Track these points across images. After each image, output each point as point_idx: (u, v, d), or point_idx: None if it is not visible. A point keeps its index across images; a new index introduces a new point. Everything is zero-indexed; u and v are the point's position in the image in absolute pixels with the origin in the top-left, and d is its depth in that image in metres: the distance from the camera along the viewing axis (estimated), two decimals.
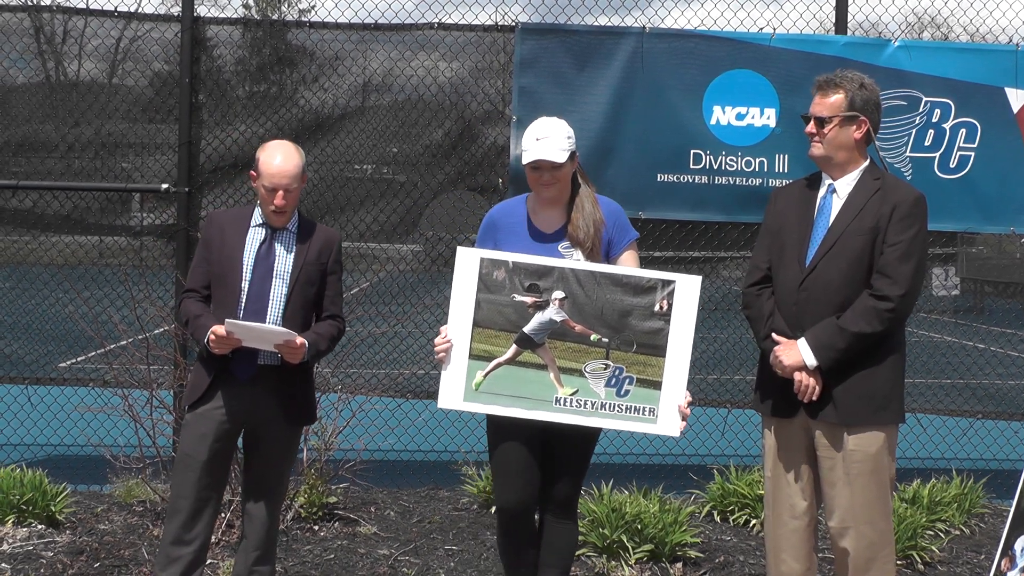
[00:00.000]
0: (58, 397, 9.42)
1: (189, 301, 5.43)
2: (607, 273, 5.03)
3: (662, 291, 4.99)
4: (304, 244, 5.41)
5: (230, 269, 5.32)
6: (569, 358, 5.00)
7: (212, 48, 9.12)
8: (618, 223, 5.30)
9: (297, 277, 5.34)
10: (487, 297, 5.02)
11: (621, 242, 5.28)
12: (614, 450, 9.85)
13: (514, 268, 5.00)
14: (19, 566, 6.62)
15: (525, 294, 4.99)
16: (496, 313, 5.02)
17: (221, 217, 5.54)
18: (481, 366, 5.03)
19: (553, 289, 4.98)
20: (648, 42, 8.55)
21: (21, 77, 9.30)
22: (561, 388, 5.01)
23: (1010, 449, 9.66)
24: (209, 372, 5.33)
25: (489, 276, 5.01)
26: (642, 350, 5.01)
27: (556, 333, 5.00)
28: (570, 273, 4.99)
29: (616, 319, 4.99)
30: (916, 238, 4.96)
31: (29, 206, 8.99)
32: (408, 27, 8.90)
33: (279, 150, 5.33)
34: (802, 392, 4.99)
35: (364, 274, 8.88)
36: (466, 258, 5.06)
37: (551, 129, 5.16)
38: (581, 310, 4.98)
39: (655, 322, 4.99)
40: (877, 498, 5.04)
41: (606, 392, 5.01)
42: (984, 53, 8.68)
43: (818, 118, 5.10)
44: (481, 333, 5.03)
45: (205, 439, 5.31)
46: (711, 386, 9.18)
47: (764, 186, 8.28)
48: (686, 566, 6.93)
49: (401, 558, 7.05)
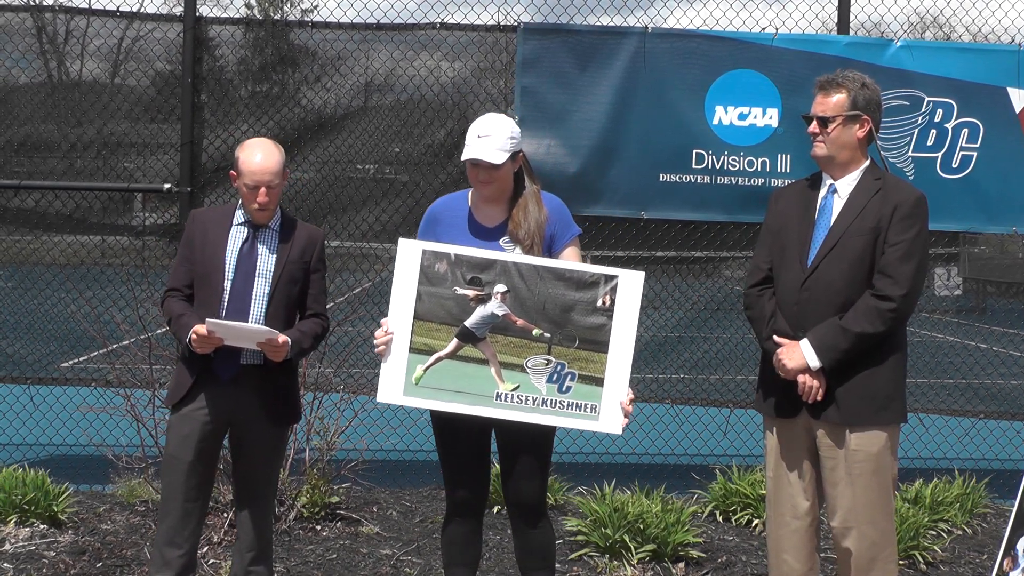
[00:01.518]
0: (60, 397, 9.42)
1: (172, 300, 5.38)
2: (550, 267, 4.95)
3: (605, 286, 4.92)
4: (287, 242, 5.38)
5: (213, 268, 5.28)
6: (511, 353, 4.94)
7: (214, 48, 9.13)
8: (561, 219, 5.22)
9: (280, 275, 5.31)
10: (428, 290, 4.95)
11: (563, 237, 5.20)
12: (616, 450, 9.85)
13: (456, 261, 4.94)
14: (21, 566, 6.62)
15: (467, 287, 4.93)
16: (437, 306, 4.96)
17: (204, 216, 5.50)
18: (422, 360, 4.96)
19: (495, 283, 4.91)
20: (650, 42, 8.55)
21: (23, 77, 9.31)
22: (502, 383, 4.94)
23: (1012, 449, 9.67)
24: (192, 372, 5.29)
25: (431, 268, 4.95)
26: (584, 346, 4.94)
27: (498, 327, 4.93)
28: (512, 267, 4.92)
29: (558, 314, 4.92)
30: (917, 238, 4.96)
31: (32, 206, 8.99)
32: (410, 27, 8.91)
33: (259, 147, 5.29)
34: (805, 393, 4.99)
35: (367, 274, 8.88)
36: (408, 250, 5.00)
37: (493, 127, 5.07)
38: (523, 304, 4.92)
39: (597, 317, 4.93)
40: (879, 498, 5.04)
41: (547, 388, 4.94)
42: (986, 53, 8.67)
43: (821, 118, 5.10)
44: (422, 326, 4.96)
45: (189, 440, 5.28)
46: (713, 386, 9.17)
47: (766, 186, 8.27)
48: (688, 566, 6.93)
49: (403, 558, 7.05)
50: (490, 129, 5.06)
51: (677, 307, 9.22)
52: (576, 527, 7.20)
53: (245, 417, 5.33)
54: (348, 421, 7.83)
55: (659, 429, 9.71)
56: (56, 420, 9.40)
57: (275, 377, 5.34)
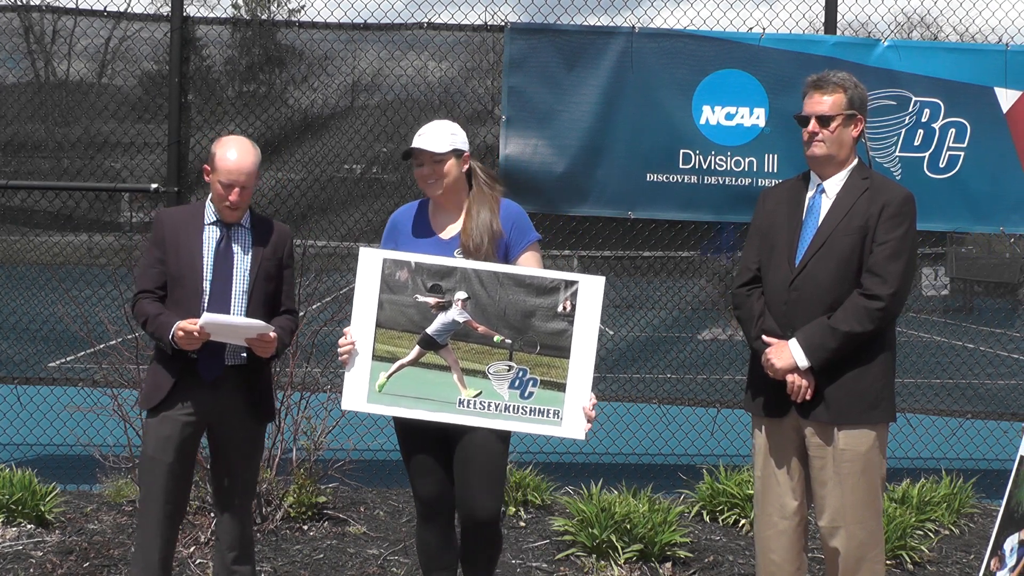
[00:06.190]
0: (47, 397, 9.40)
1: (144, 301, 5.31)
2: (510, 274, 4.96)
3: (565, 291, 4.92)
4: (260, 240, 5.37)
5: (189, 270, 5.25)
6: (472, 359, 4.95)
7: (201, 48, 9.12)
8: (516, 225, 5.20)
9: (257, 273, 5.31)
10: (390, 298, 4.99)
11: (519, 244, 5.18)
12: (603, 450, 9.85)
13: (416, 268, 4.97)
14: (8, 566, 6.61)
15: (428, 295, 4.95)
16: (399, 314, 4.98)
17: (172, 216, 5.46)
18: (384, 367, 5.00)
19: (456, 290, 4.93)
20: (638, 42, 8.56)
21: (10, 77, 9.30)
22: (464, 390, 4.95)
23: (999, 449, 9.67)
24: (172, 374, 5.25)
25: (392, 277, 4.99)
26: (546, 351, 4.94)
27: (459, 334, 4.95)
28: (472, 274, 4.93)
29: (519, 320, 4.93)
30: (905, 236, 4.98)
31: (18, 205, 8.98)
32: (397, 27, 8.90)
33: (235, 145, 5.27)
34: (794, 393, 5.00)
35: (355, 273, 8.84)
36: (368, 259, 5.04)
37: (433, 127, 5.17)
38: (484, 311, 4.93)
39: (558, 323, 4.93)
40: (868, 497, 5.05)
41: (510, 394, 4.95)
42: (973, 53, 8.68)
43: (821, 116, 5.09)
44: (384, 334, 5.00)
45: (170, 441, 5.24)
46: (700, 386, 9.17)
47: (754, 186, 8.27)
48: (675, 566, 6.94)
49: (390, 558, 7.04)
50: (430, 128, 5.17)
51: (661, 307, 9.22)
52: (563, 527, 7.20)
53: (226, 417, 5.32)
54: (335, 421, 7.82)
55: (646, 429, 9.72)
56: (43, 420, 9.38)
57: (255, 376, 5.35)
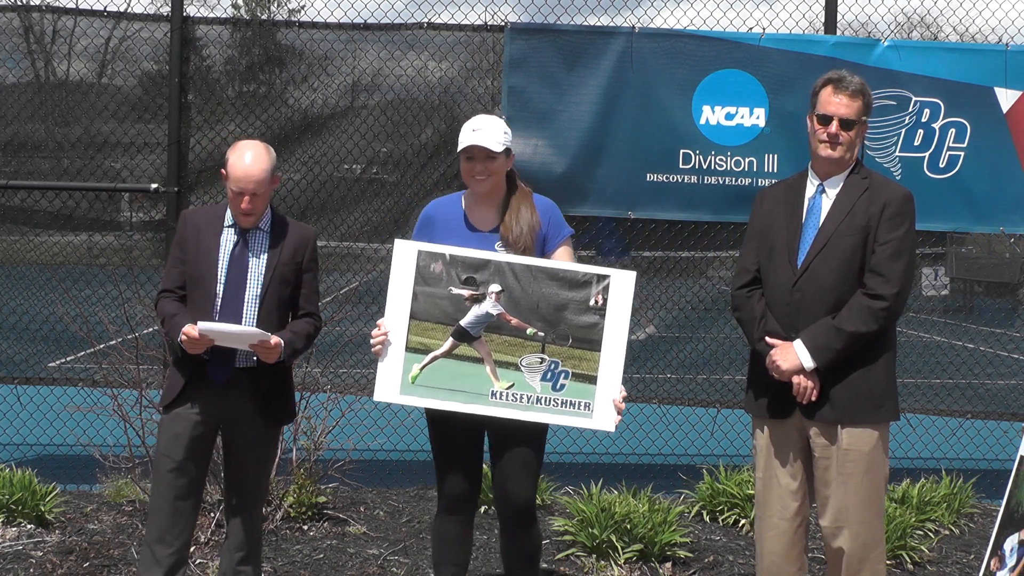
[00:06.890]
0: (47, 397, 9.39)
1: (165, 301, 5.38)
2: (543, 267, 5.04)
3: (597, 285, 5.01)
4: (278, 243, 5.36)
5: (206, 270, 5.28)
6: (505, 352, 5.01)
7: (201, 48, 9.12)
8: (552, 219, 5.29)
9: (271, 277, 5.30)
10: (424, 290, 5.03)
11: (556, 238, 5.26)
12: (603, 449, 9.85)
13: (451, 261, 5.02)
14: (8, 566, 6.61)
15: (462, 287, 5.01)
16: (433, 306, 5.04)
17: (196, 217, 5.47)
18: (418, 359, 5.04)
19: (490, 282, 4.99)
20: (638, 42, 8.55)
21: (10, 77, 9.29)
22: (497, 382, 5.01)
23: (999, 449, 9.66)
24: (184, 374, 5.30)
25: (426, 268, 5.03)
26: (577, 344, 5.02)
27: (492, 326, 5.01)
28: (506, 267, 5.00)
29: (552, 313, 5.00)
30: (906, 236, 5.00)
31: (18, 205, 8.98)
32: (397, 27, 8.90)
33: (248, 151, 5.23)
34: (800, 394, 5.00)
35: (356, 274, 8.86)
36: (404, 250, 5.07)
37: (487, 123, 5.19)
38: (517, 304, 5.00)
39: (590, 316, 5.01)
40: (871, 497, 5.06)
41: (542, 386, 5.02)
42: (973, 53, 8.67)
43: (845, 120, 5.06)
44: (418, 326, 5.04)
45: (180, 439, 5.28)
46: (700, 386, 9.17)
47: (753, 186, 8.26)
48: (675, 566, 6.94)
49: (390, 558, 7.04)
50: (484, 124, 5.18)
51: (660, 307, 9.21)
52: (563, 527, 7.20)
53: (237, 419, 5.34)
54: (335, 421, 7.83)
55: (646, 429, 9.71)
56: (43, 420, 9.38)
57: (267, 379, 5.34)
